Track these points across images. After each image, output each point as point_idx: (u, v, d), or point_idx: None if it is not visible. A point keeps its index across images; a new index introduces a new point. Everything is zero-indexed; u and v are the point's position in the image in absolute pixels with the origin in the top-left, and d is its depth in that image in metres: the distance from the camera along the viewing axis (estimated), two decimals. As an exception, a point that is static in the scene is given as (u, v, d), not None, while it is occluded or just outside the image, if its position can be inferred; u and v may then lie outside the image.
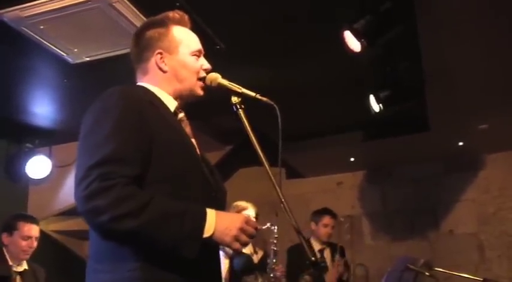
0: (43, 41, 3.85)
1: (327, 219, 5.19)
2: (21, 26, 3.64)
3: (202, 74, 2.00)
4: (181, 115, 1.99)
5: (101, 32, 3.78)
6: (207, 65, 2.03)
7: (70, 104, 5.10)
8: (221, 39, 3.95)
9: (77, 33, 3.79)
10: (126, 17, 3.58)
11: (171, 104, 1.95)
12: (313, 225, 5.22)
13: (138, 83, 2.01)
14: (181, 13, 2.06)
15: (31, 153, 5.82)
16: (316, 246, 5.15)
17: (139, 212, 1.60)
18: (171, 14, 2.04)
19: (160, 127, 1.80)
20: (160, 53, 1.97)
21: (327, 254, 5.10)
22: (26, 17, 3.53)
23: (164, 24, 2.02)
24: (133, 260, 1.68)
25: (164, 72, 1.97)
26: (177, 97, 1.98)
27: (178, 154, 1.81)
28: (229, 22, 3.83)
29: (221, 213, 1.75)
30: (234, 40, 4.01)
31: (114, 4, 3.46)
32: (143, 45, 2.00)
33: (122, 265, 1.68)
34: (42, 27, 3.67)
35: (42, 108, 5.28)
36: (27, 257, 4.14)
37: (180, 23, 2.05)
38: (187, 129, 1.97)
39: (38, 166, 5.81)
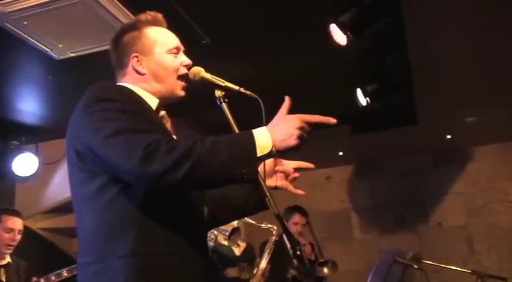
0: (27, 36, 3.81)
1: (297, 218, 5.26)
2: (4, 21, 3.59)
3: (183, 70, 1.96)
4: (162, 113, 1.96)
5: (85, 27, 3.74)
6: (187, 61, 1.99)
7: (56, 100, 5.06)
8: (207, 33, 3.94)
9: (61, 29, 3.75)
10: (110, 12, 3.55)
11: (153, 102, 1.92)
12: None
13: (118, 83, 1.98)
14: (154, 13, 2.02)
15: (17, 150, 5.75)
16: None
17: (190, 152, 1.61)
18: (143, 16, 2.01)
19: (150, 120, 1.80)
20: (136, 56, 1.94)
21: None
22: (9, 12, 3.48)
23: (137, 27, 1.98)
24: (123, 246, 1.64)
25: (142, 74, 1.94)
26: (158, 97, 1.95)
27: None
28: (215, 17, 3.81)
29: (272, 124, 1.73)
30: (219, 35, 3.99)
31: (98, -1, 3.44)
32: (120, 51, 1.97)
33: (110, 253, 1.65)
34: (26, 22, 3.63)
35: (28, 105, 5.24)
36: (10, 250, 4.14)
37: (154, 23, 2.01)
38: (169, 127, 1.96)
39: (24, 163, 5.74)
